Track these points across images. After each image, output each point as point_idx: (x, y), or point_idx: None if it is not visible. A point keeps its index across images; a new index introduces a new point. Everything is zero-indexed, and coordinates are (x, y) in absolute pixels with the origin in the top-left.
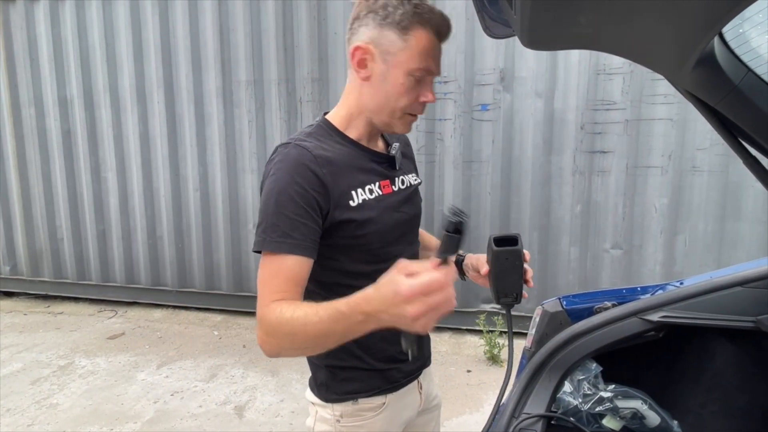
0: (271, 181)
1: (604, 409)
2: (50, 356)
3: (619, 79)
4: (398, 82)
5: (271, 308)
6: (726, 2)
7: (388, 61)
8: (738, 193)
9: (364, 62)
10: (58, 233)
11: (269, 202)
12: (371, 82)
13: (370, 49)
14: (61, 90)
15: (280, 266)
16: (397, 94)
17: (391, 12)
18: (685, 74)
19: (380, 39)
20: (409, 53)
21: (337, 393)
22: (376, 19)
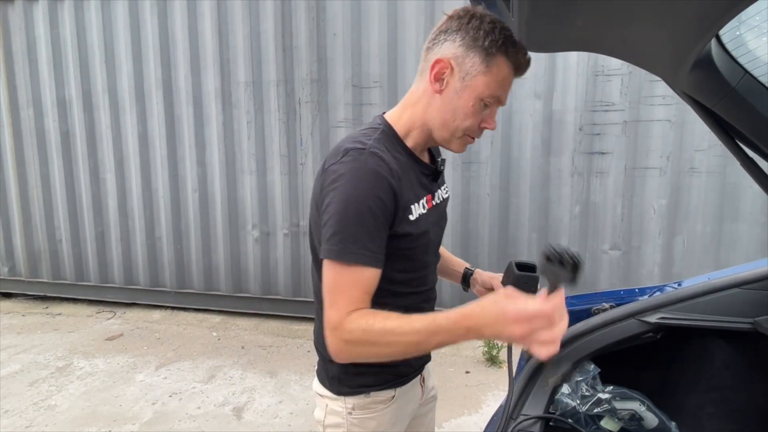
0: (348, 188)
1: (602, 410)
2: (48, 357)
3: (618, 80)
4: (469, 104)
5: (354, 318)
6: (723, 5)
7: (466, 81)
8: (736, 194)
9: (441, 75)
10: (57, 234)
11: (348, 210)
12: (443, 96)
13: (452, 64)
14: (59, 91)
15: (359, 278)
16: (465, 115)
17: (481, 36)
18: (683, 76)
19: (464, 58)
20: (487, 80)
21: (350, 386)
22: (465, 39)
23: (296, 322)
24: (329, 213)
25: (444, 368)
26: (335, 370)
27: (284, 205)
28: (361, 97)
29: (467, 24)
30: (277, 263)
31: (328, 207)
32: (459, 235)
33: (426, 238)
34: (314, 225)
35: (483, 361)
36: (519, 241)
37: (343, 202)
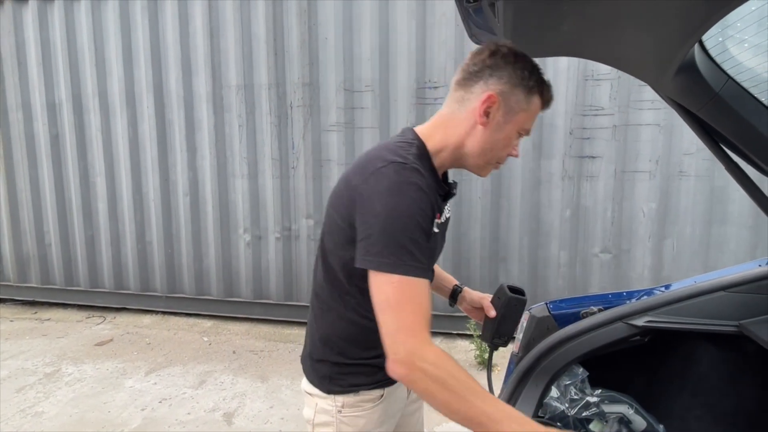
0: (396, 201)
1: (590, 413)
2: (36, 363)
3: (607, 84)
4: (509, 137)
5: (439, 356)
6: (704, 11)
7: (509, 116)
8: (724, 197)
9: (488, 110)
10: (46, 238)
11: (397, 223)
12: (486, 128)
13: (499, 100)
14: (49, 94)
15: (418, 292)
16: (503, 146)
17: (526, 76)
18: (667, 81)
19: (510, 95)
20: (526, 115)
21: (340, 385)
22: (513, 78)
23: (288, 326)
24: (375, 224)
25: None
26: (326, 370)
27: (276, 208)
28: (353, 101)
29: (514, 63)
30: (269, 267)
31: (373, 217)
32: (451, 239)
33: (435, 252)
34: (335, 227)
35: (475, 365)
36: (510, 244)
37: (391, 214)
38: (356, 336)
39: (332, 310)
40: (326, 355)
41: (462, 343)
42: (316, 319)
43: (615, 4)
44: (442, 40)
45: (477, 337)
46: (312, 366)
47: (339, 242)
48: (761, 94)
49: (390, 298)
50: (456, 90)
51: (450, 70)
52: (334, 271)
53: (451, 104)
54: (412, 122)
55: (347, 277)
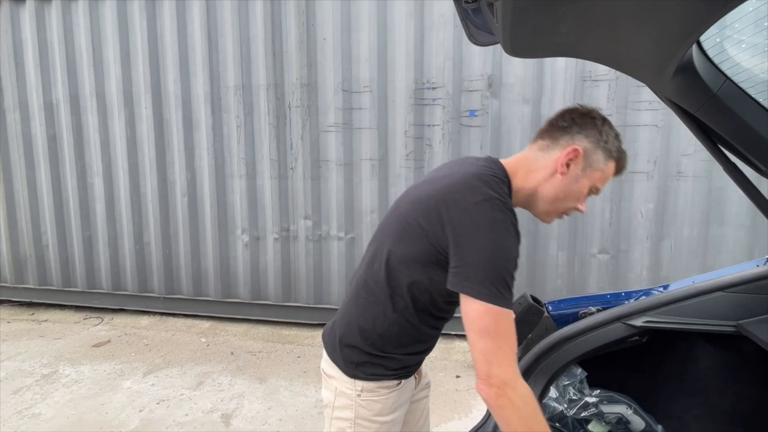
0: (500, 237)
1: (589, 414)
2: (33, 365)
3: (605, 85)
4: (581, 191)
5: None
6: (703, 11)
7: (587, 171)
8: (721, 198)
9: (570, 161)
10: (43, 239)
11: (499, 258)
12: (563, 178)
13: (582, 155)
14: (46, 94)
15: (510, 324)
16: (575, 198)
17: (610, 141)
18: (665, 82)
19: (592, 153)
20: (601, 175)
21: (365, 373)
22: (599, 141)
23: (286, 327)
24: (479, 256)
25: (434, 373)
26: (355, 357)
27: (274, 209)
28: (351, 102)
29: (602, 126)
30: (267, 268)
31: (477, 249)
32: None
33: None
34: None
35: (471, 365)
36: None
37: (495, 249)
38: (395, 334)
39: (380, 305)
40: (360, 344)
41: (460, 344)
42: (359, 307)
43: (613, 4)
44: (440, 41)
45: None
46: (341, 350)
47: (416, 256)
48: (759, 95)
49: (489, 327)
50: (541, 139)
51: (448, 71)
52: (397, 274)
53: (535, 151)
54: (410, 123)
55: (409, 285)
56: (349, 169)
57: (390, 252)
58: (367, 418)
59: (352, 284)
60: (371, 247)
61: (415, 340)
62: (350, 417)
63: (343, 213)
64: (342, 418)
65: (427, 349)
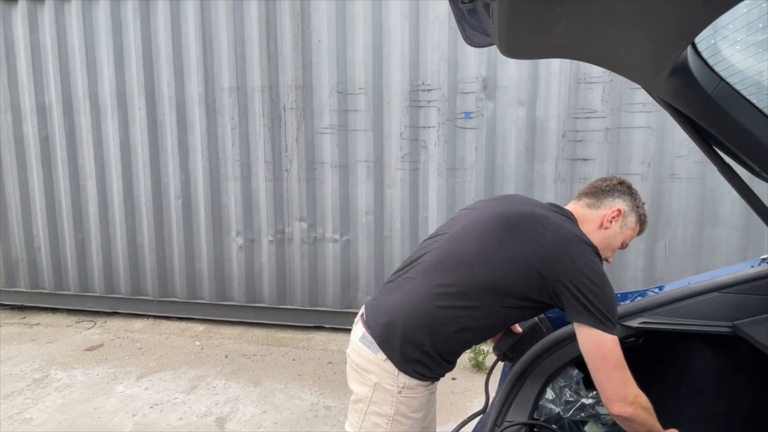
0: (604, 280)
1: (585, 415)
2: (25, 369)
3: (599, 87)
4: (617, 244)
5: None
6: (697, 13)
7: (623, 229)
8: (715, 199)
9: (614, 220)
10: (35, 242)
11: (609, 297)
12: (606, 232)
13: (622, 214)
14: (39, 96)
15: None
16: (611, 249)
17: (640, 206)
18: (660, 83)
19: (629, 215)
20: (632, 233)
21: (414, 371)
22: (634, 205)
23: (281, 330)
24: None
25: None
26: (414, 354)
27: (269, 211)
28: (347, 104)
29: (635, 195)
30: (262, 270)
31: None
32: None
33: None
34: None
35: (469, 368)
36: None
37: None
38: (459, 341)
39: (465, 315)
40: (425, 343)
41: None
42: (432, 306)
43: (609, 5)
44: (436, 42)
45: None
46: (401, 343)
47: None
48: (753, 96)
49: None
50: (585, 198)
51: (443, 72)
52: (493, 292)
53: (583, 207)
54: (405, 124)
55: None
56: (345, 171)
57: (492, 273)
58: (405, 414)
59: (417, 279)
60: (456, 253)
61: (466, 348)
62: (389, 413)
63: (338, 215)
64: (379, 413)
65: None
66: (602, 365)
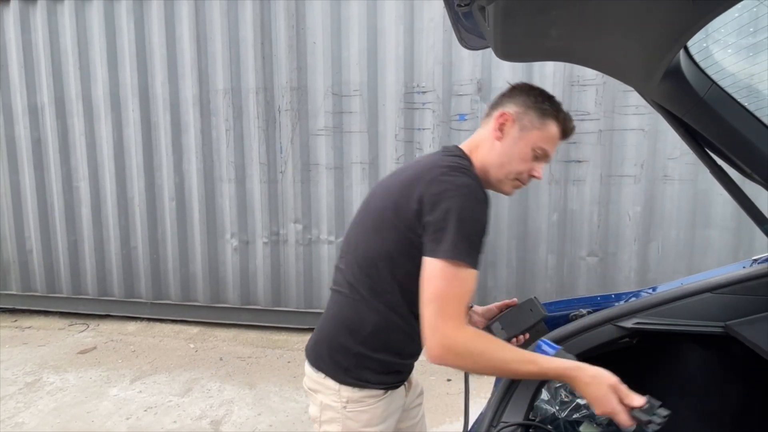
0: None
1: (581, 416)
2: (16, 373)
3: (593, 90)
4: (523, 152)
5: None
6: (690, 17)
7: (522, 132)
8: (707, 201)
9: (503, 126)
10: (27, 244)
11: (469, 220)
12: (502, 143)
13: (513, 118)
14: (31, 97)
15: (469, 282)
16: (519, 160)
17: (540, 101)
18: (653, 86)
19: (523, 115)
20: (540, 134)
21: (353, 377)
22: (527, 101)
23: (276, 332)
24: (449, 218)
25: (425, 377)
26: (345, 361)
27: (264, 213)
28: (341, 105)
29: (528, 91)
30: (257, 272)
31: (445, 212)
32: None
33: None
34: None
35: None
36: (498, 248)
37: (465, 212)
38: (383, 328)
39: (366, 301)
40: (349, 343)
41: None
42: (346, 308)
43: (603, 9)
44: (430, 44)
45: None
46: (329, 354)
47: (392, 242)
48: (744, 99)
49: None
50: (483, 120)
51: (438, 75)
52: (380, 268)
53: (480, 131)
54: (400, 126)
55: (392, 276)
56: (339, 172)
57: (368, 248)
58: (355, 430)
59: (333, 290)
60: (347, 248)
61: (404, 334)
62: (338, 430)
63: (333, 217)
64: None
65: (415, 352)
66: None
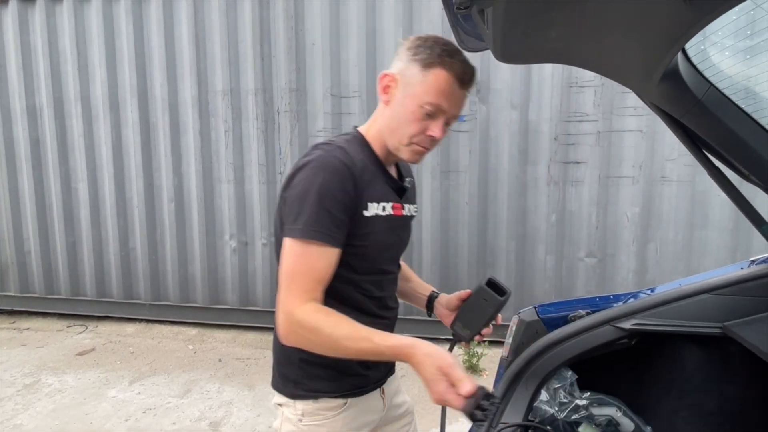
0: (310, 176)
1: (580, 416)
2: (15, 374)
3: (591, 91)
4: (410, 110)
5: (309, 310)
6: (688, 20)
7: (407, 90)
8: (705, 202)
9: (388, 88)
10: (26, 246)
11: (308, 195)
12: (390, 106)
13: (396, 77)
14: (29, 98)
15: (318, 258)
16: (408, 121)
17: (420, 51)
18: (652, 88)
19: (405, 71)
20: (425, 88)
21: (303, 389)
22: (408, 55)
23: None
24: (293, 196)
25: None
26: (293, 373)
27: (262, 214)
28: (340, 107)
29: (411, 43)
30: (256, 273)
31: (292, 191)
32: (438, 243)
33: (376, 239)
34: (278, 219)
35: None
36: (497, 249)
37: (308, 186)
38: None
39: None
40: (291, 354)
41: (446, 347)
42: None
43: (602, 12)
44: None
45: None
46: (278, 370)
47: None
48: (742, 101)
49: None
50: None
51: None
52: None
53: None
54: None
55: None
56: None
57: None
58: None
59: None
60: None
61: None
62: None
63: None
64: None
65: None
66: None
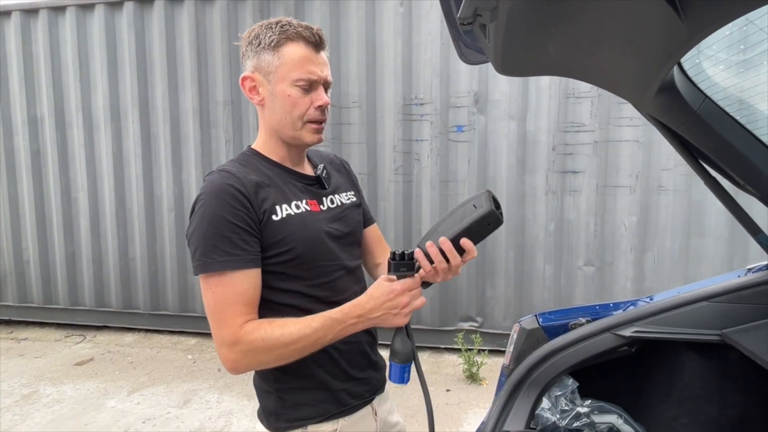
0: (199, 210)
1: (581, 424)
2: (12, 385)
3: (588, 102)
4: (286, 95)
5: (251, 330)
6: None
7: (272, 80)
8: (701, 211)
9: (255, 89)
10: (25, 255)
11: (201, 226)
12: (266, 104)
13: (255, 76)
14: (31, 109)
15: (234, 286)
16: (290, 105)
17: (262, 39)
18: (648, 100)
19: (259, 64)
20: (287, 67)
21: (287, 420)
22: (251, 49)
23: None
24: (190, 235)
25: None
26: (272, 404)
27: None
28: (340, 117)
29: (249, 37)
30: None
31: (189, 230)
32: None
33: (302, 237)
34: None
35: (463, 379)
36: (497, 258)
37: (197, 220)
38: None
39: None
40: (269, 383)
41: (450, 357)
42: None
43: (600, 28)
44: (428, 57)
45: (464, 351)
46: (261, 401)
47: None
48: (736, 113)
49: (210, 302)
50: None
51: (436, 87)
52: None
53: None
54: (399, 138)
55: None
56: None
57: None
58: None
59: None
60: None
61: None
62: None
63: None
64: None
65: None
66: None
